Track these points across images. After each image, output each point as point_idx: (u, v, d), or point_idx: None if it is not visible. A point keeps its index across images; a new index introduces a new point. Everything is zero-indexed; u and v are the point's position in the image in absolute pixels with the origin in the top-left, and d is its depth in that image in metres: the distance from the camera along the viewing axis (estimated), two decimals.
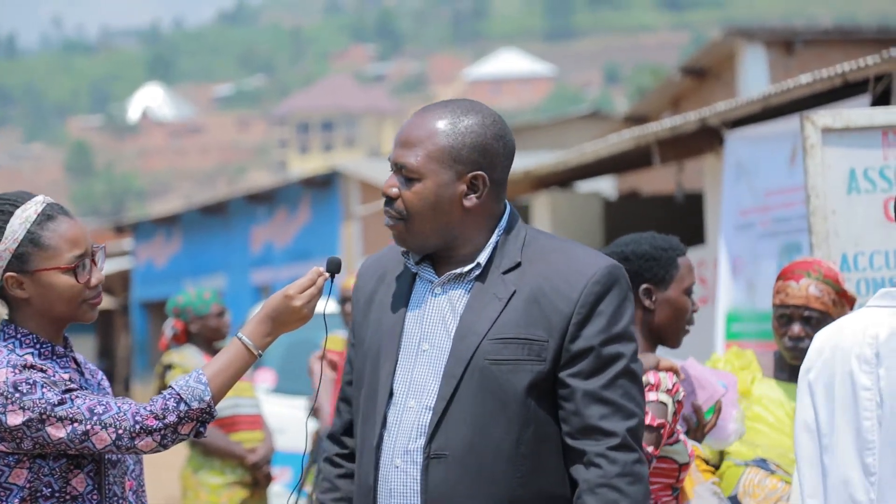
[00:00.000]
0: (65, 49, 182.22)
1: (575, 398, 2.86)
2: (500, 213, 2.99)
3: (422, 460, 2.87)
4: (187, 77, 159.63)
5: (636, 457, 2.86)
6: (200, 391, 2.90)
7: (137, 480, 3.07)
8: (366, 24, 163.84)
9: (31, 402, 2.84)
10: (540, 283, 2.90)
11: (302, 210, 21.72)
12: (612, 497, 2.83)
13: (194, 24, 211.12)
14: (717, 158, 9.04)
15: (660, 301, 3.64)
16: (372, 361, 2.98)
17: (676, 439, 3.57)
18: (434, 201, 2.92)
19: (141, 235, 27.36)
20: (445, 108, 2.98)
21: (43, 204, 2.99)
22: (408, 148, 2.94)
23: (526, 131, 19.73)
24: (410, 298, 2.98)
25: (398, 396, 2.92)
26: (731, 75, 15.71)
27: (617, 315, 2.90)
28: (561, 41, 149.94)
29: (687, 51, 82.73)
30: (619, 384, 2.87)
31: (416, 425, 2.89)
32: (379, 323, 2.99)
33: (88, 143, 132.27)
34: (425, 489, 2.86)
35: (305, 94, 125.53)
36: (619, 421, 2.86)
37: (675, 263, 3.68)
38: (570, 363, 2.87)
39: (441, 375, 2.89)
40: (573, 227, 11.61)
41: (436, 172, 2.92)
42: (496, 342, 2.87)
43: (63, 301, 2.97)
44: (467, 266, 2.95)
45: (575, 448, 2.87)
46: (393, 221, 2.95)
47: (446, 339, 2.92)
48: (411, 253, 3.00)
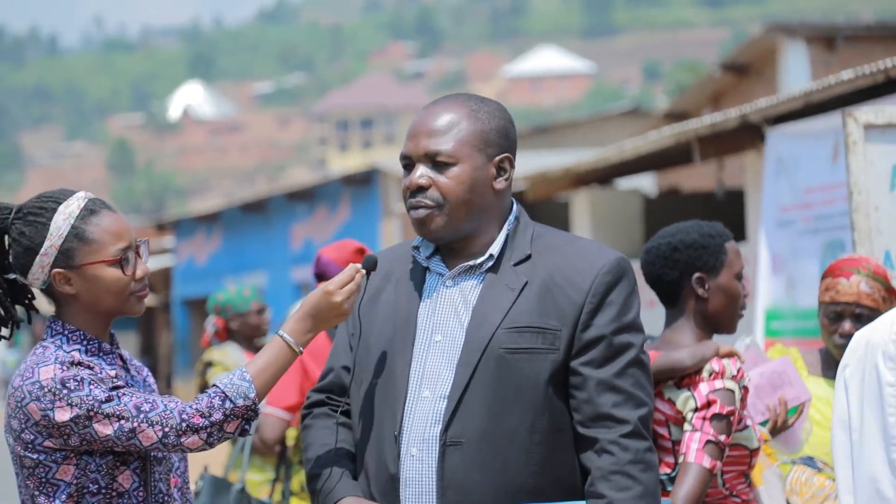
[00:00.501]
0: (106, 48, 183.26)
1: (587, 386, 2.91)
2: (510, 207, 3.06)
3: (438, 448, 2.90)
4: (227, 75, 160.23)
5: (647, 445, 2.91)
6: (245, 388, 2.92)
7: (182, 478, 3.08)
8: (405, 21, 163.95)
9: (79, 398, 2.87)
10: (551, 274, 2.95)
11: (342, 207, 21.77)
12: (625, 484, 2.87)
13: (234, 22, 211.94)
14: (758, 155, 9.00)
15: (713, 288, 3.62)
16: (382, 354, 3.00)
17: (745, 425, 3.56)
18: (471, 185, 2.97)
19: (182, 233, 27.48)
20: (458, 99, 3.05)
21: (85, 199, 3.01)
22: (436, 136, 2.98)
23: (565, 129, 19.69)
24: (422, 291, 3.02)
25: (412, 386, 2.95)
26: (771, 72, 15.63)
27: (626, 305, 2.95)
28: (600, 38, 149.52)
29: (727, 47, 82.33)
30: (629, 373, 2.92)
31: (431, 414, 2.92)
32: (389, 316, 3.02)
33: (129, 142, 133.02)
34: (441, 476, 2.89)
35: (345, 92, 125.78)
36: (631, 409, 2.90)
37: (724, 249, 3.67)
38: (582, 352, 2.92)
39: (455, 365, 2.93)
40: (613, 224, 11.59)
41: (470, 156, 2.98)
42: (511, 331, 2.91)
43: (110, 294, 2.99)
44: (480, 258, 2.99)
45: (587, 436, 2.91)
46: (427, 210, 2.97)
47: (459, 329, 2.96)
48: (421, 247, 3.05)
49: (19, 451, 2.92)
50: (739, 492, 3.57)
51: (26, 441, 2.90)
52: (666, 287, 3.66)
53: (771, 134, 8.12)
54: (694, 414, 3.47)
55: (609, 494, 2.86)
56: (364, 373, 3.03)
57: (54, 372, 2.89)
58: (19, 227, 2.98)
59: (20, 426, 2.91)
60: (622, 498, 2.86)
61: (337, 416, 3.09)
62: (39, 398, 2.87)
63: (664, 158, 10.80)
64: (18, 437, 2.91)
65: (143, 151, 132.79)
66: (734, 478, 3.56)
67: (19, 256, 2.99)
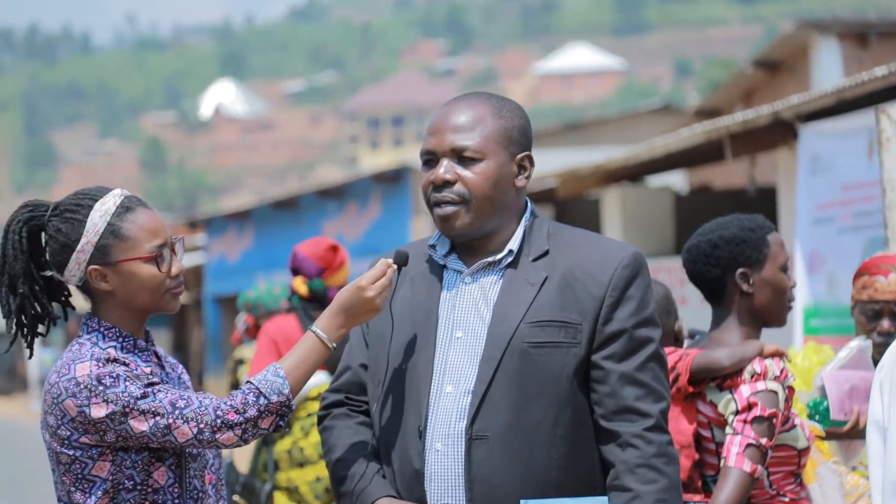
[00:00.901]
0: (138, 46, 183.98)
1: (610, 380, 2.92)
2: (525, 204, 3.07)
3: (464, 442, 2.91)
4: (259, 73, 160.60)
5: (669, 438, 2.94)
6: (279, 385, 2.93)
7: (217, 475, 3.09)
8: (435, 19, 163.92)
9: (115, 395, 2.88)
10: (570, 269, 2.97)
11: (372, 205, 21.79)
12: (651, 477, 2.88)
13: (265, 20, 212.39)
14: (791, 152, 8.97)
15: (758, 283, 3.55)
16: (402, 351, 3.01)
17: (792, 425, 3.51)
18: (496, 181, 2.99)
19: (213, 230, 27.57)
20: (481, 96, 3.06)
21: (121, 196, 3.03)
22: (462, 132, 3.00)
23: (596, 126, 19.65)
24: (441, 288, 3.03)
25: (434, 382, 2.96)
26: (804, 68, 15.56)
27: (645, 300, 2.97)
28: (631, 35, 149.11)
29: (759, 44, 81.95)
30: (650, 367, 2.94)
31: (455, 409, 2.93)
32: (407, 314, 3.03)
33: (161, 140, 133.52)
34: (468, 470, 2.90)
35: (376, 90, 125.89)
36: (653, 403, 2.93)
37: (766, 242, 3.59)
38: (603, 345, 2.93)
39: (478, 360, 2.94)
40: (644, 221, 11.56)
41: (495, 153, 3.00)
42: (533, 325, 2.93)
43: (146, 291, 3.01)
44: (499, 254, 3.00)
45: (609, 430, 2.92)
46: (453, 207, 2.99)
47: (480, 325, 2.97)
48: (438, 245, 3.06)
49: (56, 448, 2.94)
50: (787, 492, 3.52)
51: (62, 437, 2.92)
52: (709, 285, 3.60)
53: (804, 131, 8.09)
54: (735, 417, 3.43)
55: (636, 487, 2.88)
56: (383, 370, 3.04)
57: (90, 368, 2.91)
58: (56, 223, 3.00)
59: (56, 422, 2.93)
60: (649, 491, 2.87)
61: (358, 415, 3.09)
62: (75, 395, 2.89)
63: (695, 156, 10.76)
64: (55, 433, 2.93)
65: (175, 149, 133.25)
66: (782, 478, 3.51)
67: (56, 253, 3.01)
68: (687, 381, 3.48)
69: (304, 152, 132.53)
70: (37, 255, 3.05)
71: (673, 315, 3.76)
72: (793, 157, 8.88)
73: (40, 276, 3.05)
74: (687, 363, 3.49)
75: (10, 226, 3.03)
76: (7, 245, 3.02)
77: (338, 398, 3.14)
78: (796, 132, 8.35)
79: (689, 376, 3.48)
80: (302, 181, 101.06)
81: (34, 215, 3.04)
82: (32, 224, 3.03)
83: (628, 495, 2.88)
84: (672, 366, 3.49)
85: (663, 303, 3.74)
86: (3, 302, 3.03)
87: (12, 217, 3.04)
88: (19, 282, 3.02)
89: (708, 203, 12.87)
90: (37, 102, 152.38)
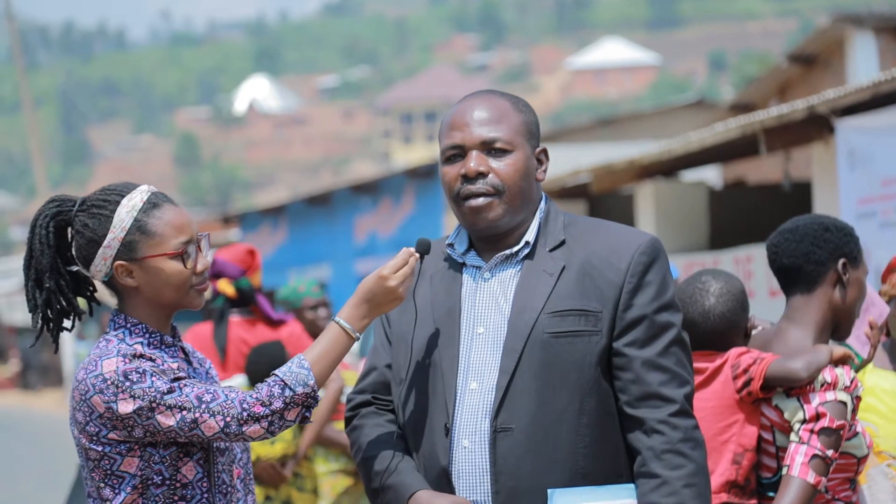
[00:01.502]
0: (173, 42, 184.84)
1: (633, 367, 2.92)
2: (541, 197, 3.09)
3: (489, 435, 2.90)
4: (292, 69, 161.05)
5: (694, 423, 2.92)
6: (304, 376, 2.93)
7: (245, 469, 3.09)
8: (469, 14, 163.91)
9: (141, 390, 2.88)
10: (587, 257, 2.97)
11: (405, 200, 21.80)
12: (678, 462, 2.87)
13: (299, 15, 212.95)
14: (826, 147, 8.91)
15: (851, 280, 3.48)
16: (424, 350, 3.00)
17: (854, 432, 3.45)
18: (525, 172, 3.02)
19: (247, 226, 27.65)
20: (496, 94, 3.09)
21: (148, 193, 3.03)
22: (491, 124, 3.02)
23: (630, 120, 19.58)
24: (461, 286, 3.03)
25: (459, 379, 2.96)
26: (839, 63, 15.46)
27: (664, 285, 2.97)
28: (665, 29, 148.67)
29: (794, 38, 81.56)
30: (672, 352, 2.94)
31: (481, 405, 2.93)
32: (427, 313, 3.03)
33: (196, 135, 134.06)
34: (494, 462, 2.90)
35: (409, 85, 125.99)
36: (677, 388, 2.92)
37: (860, 246, 3.53)
38: (624, 332, 2.93)
39: (500, 353, 2.93)
40: (678, 216, 11.51)
41: (522, 145, 3.03)
42: (553, 315, 2.92)
43: (171, 287, 3.00)
44: (516, 246, 3.01)
45: (634, 416, 2.91)
46: (487, 198, 2.99)
47: (501, 319, 2.97)
48: (456, 243, 3.06)
49: (84, 444, 2.95)
50: (842, 497, 3.45)
51: (91, 433, 2.92)
52: (808, 268, 3.45)
53: (841, 126, 8.04)
54: (801, 426, 3.34)
55: (663, 473, 2.87)
56: (405, 370, 3.03)
57: (117, 364, 2.91)
58: (83, 219, 3.01)
59: (85, 419, 2.93)
60: (676, 476, 2.86)
61: (386, 413, 3.09)
62: (103, 391, 2.90)
63: (730, 150, 10.71)
64: (83, 429, 2.94)
65: (209, 145, 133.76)
66: (838, 484, 3.45)
67: (82, 248, 3.01)
68: (759, 387, 3.38)
69: (338, 147, 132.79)
70: (63, 250, 3.05)
71: (746, 311, 3.62)
72: (828, 151, 8.82)
73: (66, 271, 3.05)
74: (762, 369, 3.38)
75: (38, 220, 3.04)
76: (34, 240, 3.03)
77: (365, 398, 3.13)
78: (832, 127, 8.29)
79: (762, 383, 3.37)
80: (335, 176, 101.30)
81: (61, 210, 3.04)
82: (59, 219, 3.04)
83: (656, 481, 2.87)
84: (745, 368, 3.40)
85: (740, 297, 3.57)
86: (29, 296, 3.04)
87: (39, 212, 3.04)
88: (45, 276, 3.03)
89: (742, 198, 12.80)
90: (72, 99, 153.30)
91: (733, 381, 3.43)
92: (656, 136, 17.97)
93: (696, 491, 2.86)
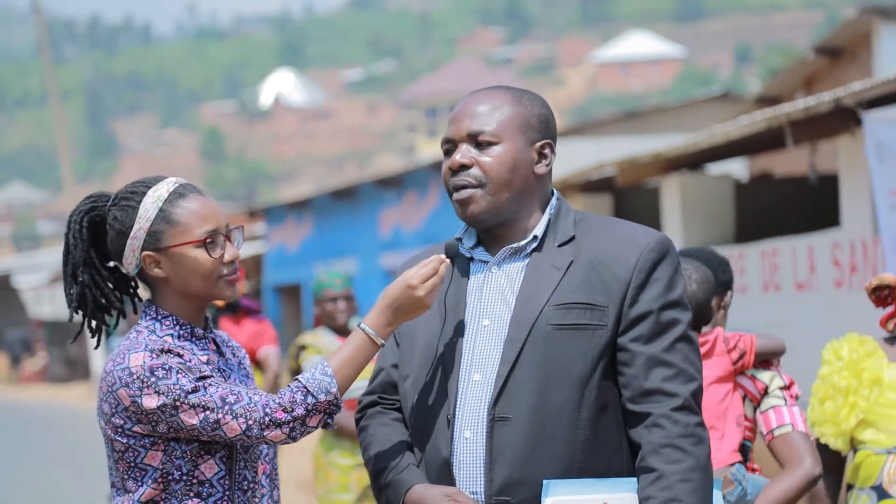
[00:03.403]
0: (198, 36, 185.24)
1: (636, 362, 2.91)
2: (550, 193, 3.08)
3: (486, 423, 2.91)
4: (317, 62, 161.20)
5: (698, 419, 2.90)
6: (327, 383, 2.93)
7: (271, 464, 3.10)
8: (493, 7, 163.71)
9: (166, 387, 2.89)
10: (596, 253, 2.97)
11: (430, 194, 21.79)
12: (675, 457, 2.86)
13: (324, 9, 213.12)
14: (853, 139, 8.87)
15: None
16: (431, 346, 3.02)
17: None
18: (512, 165, 3.01)
19: (273, 220, 27.70)
20: (500, 88, 3.09)
21: (175, 184, 3.05)
22: (479, 117, 3.03)
23: (655, 114, 19.53)
24: (468, 280, 3.04)
25: (462, 372, 2.97)
26: (866, 55, 15.38)
27: (672, 282, 2.96)
28: (690, 22, 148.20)
29: (820, 30, 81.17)
30: (678, 348, 2.93)
31: (483, 396, 2.94)
32: (436, 309, 3.04)
33: (221, 129, 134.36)
34: (489, 450, 2.90)
35: (433, 79, 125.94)
36: (681, 384, 2.90)
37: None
38: (629, 328, 2.92)
39: (503, 343, 2.94)
40: (703, 209, 11.48)
41: (512, 137, 3.02)
42: (558, 308, 2.92)
43: (198, 277, 3.01)
44: (524, 240, 3.01)
45: (637, 412, 2.91)
46: (470, 190, 3.00)
47: (506, 311, 2.97)
48: (464, 238, 3.07)
49: (110, 435, 2.97)
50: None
51: (116, 425, 2.94)
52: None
53: (868, 118, 8.00)
54: (783, 391, 3.90)
55: (660, 468, 2.85)
56: (412, 364, 3.05)
57: (143, 359, 2.92)
58: (114, 212, 3.04)
59: (111, 410, 2.95)
60: (673, 471, 2.85)
61: (391, 412, 3.10)
62: (128, 384, 2.91)
63: (756, 143, 10.67)
64: (109, 420, 2.95)
65: (234, 139, 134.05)
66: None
67: (113, 241, 3.04)
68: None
69: (362, 141, 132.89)
70: (102, 246, 3.08)
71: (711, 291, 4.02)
72: (855, 144, 8.78)
73: (104, 266, 3.07)
74: (750, 343, 3.85)
75: (73, 216, 3.07)
76: (69, 235, 3.06)
77: (372, 399, 3.16)
78: (858, 119, 8.25)
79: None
80: (360, 170, 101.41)
81: (95, 206, 3.07)
82: (94, 214, 3.07)
83: (653, 475, 2.86)
84: (735, 344, 3.86)
85: (711, 283, 4.01)
86: (67, 291, 3.07)
87: (75, 208, 3.08)
88: (79, 270, 3.05)
89: (768, 191, 12.76)
90: (98, 93, 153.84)
91: (728, 355, 3.86)
92: (682, 129, 17.92)
93: (692, 486, 2.84)
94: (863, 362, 4.05)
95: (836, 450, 4.02)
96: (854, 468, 4.02)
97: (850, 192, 9.14)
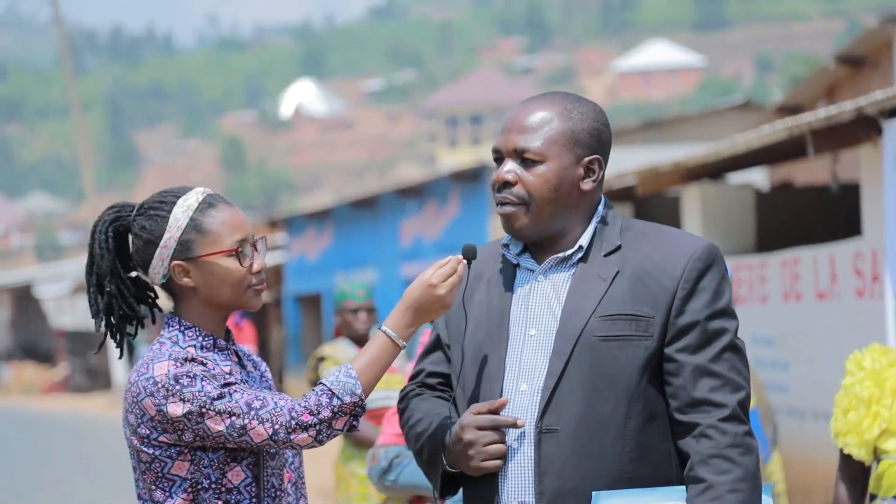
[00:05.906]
0: (219, 46, 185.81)
1: (683, 373, 2.91)
2: (598, 200, 3.06)
3: (534, 436, 2.91)
4: (338, 72, 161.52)
5: (746, 429, 2.90)
6: (351, 385, 2.94)
7: (297, 472, 3.11)
8: (514, 16, 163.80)
9: (191, 394, 2.91)
10: (642, 263, 2.96)
11: (451, 203, 21.80)
12: (724, 467, 2.85)
13: (345, 19, 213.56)
14: (875, 148, 8.84)
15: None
16: (476, 354, 3.02)
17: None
18: (556, 184, 2.99)
19: (293, 229, 27.74)
20: (555, 97, 3.05)
21: (204, 193, 3.07)
22: (526, 133, 3.00)
23: (676, 123, 19.50)
24: (514, 288, 3.03)
25: (508, 381, 2.97)
26: (888, 64, 15.34)
27: (719, 291, 2.95)
28: (711, 31, 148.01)
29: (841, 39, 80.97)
30: (725, 357, 2.92)
31: (529, 407, 2.94)
32: (482, 317, 3.04)
33: (242, 139, 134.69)
34: (538, 463, 2.90)
35: (454, 88, 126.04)
36: (729, 394, 2.90)
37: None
38: (676, 338, 2.92)
39: (549, 354, 2.94)
40: (724, 218, 11.46)
41: (558, 155, 2.99)
42: (604, 319, 2.92)
43: (228, 286, 3.03)
44: (570, 250, 3.00)
45: (684, 422, 2.90)
46: (512, 208, 3.00)
47: (552, 321, 2.97)
48: (511, 245, 3.06)
49: (136, 446, 2.97)
50: None
51: (142, 436, 2.95)
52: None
53: (889, 127, 7.97)
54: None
55: (709, 478, 2.85)
56: (457, 372, 3.06)
57: (168, 368, 2.93)
58: (141, 222, 3.05)
59: (136, 421, 2.96)
60: (722, 481, 2.85)
61: (430, 390, 3.13)
62: (153, 393, 2.92)
63: (777, 152, 10.64)
64: (135, 431, 2.97)
65: (255, 148, 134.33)
66: None
67: (140, 251, 3.05)
68: None
69: (383, 151, 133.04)
70: (124, 256, 3.10)
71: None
72: (876, 153, 8.76)
73: (127, 276, 3.09)
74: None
75: (97, 226, 3.09)
76: (94, 245, 3.08)
77: (410, 387, 3.18)
78: (880, 128, 8.23)
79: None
80: (381, 180, 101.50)
81: (120, 215, 3.09)
82: (118, 224, 3.08)
83: (701, 486, 2.86)
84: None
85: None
86: (91, 302, 3.08)
87: (99, 218, 3.09)
88: (106, 280, 3.06)
89: (790, 200, 12.72)
90: (120, 103, 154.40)
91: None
92: (703, 138, 17.89)
93: (740, 497, 2.84)
94: (885, 372, 4.04)
95: (860, 460, 4.00)
96: (877, 478, 4.01)
97: (871, 201, 9.11)
